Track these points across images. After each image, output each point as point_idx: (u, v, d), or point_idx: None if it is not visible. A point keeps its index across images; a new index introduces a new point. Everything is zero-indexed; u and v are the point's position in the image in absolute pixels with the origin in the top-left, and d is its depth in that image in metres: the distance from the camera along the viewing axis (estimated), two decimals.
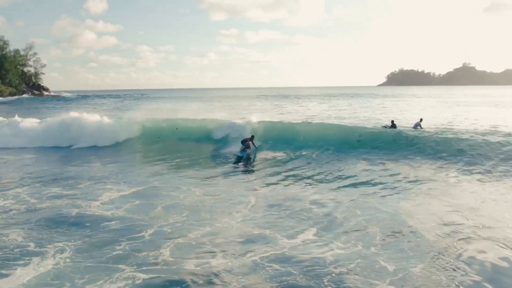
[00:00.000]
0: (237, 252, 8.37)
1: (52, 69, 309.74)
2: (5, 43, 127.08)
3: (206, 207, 11.65)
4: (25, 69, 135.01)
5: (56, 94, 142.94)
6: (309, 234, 9.39)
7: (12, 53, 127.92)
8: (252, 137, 20.66)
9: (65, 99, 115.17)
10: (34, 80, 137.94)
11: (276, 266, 7.66)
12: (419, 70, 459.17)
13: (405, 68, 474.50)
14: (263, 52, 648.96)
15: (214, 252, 8.38)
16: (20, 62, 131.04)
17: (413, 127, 22.98)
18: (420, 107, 56.17)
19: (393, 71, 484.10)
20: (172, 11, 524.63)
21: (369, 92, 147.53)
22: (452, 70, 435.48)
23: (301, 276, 7.26)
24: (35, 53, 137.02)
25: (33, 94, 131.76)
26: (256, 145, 20.57)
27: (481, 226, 9.63)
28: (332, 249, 8.45)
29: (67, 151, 22.87)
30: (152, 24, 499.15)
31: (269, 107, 61.29)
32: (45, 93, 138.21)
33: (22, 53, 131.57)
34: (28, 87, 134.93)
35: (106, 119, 26.08)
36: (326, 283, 7.02)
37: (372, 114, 43.72)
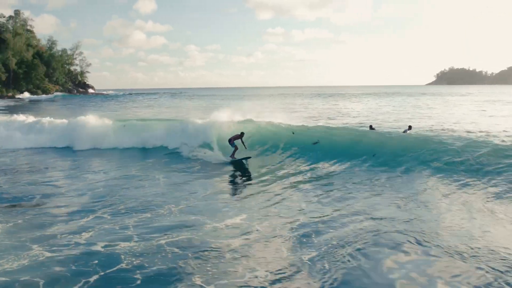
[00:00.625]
0: (152, 236, 8.74)
1: (104, 68, 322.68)
2: (53, 43, 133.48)
3: (159, 197, 12.15)
4: (72, 68, 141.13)
5: (99, 92, 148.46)
6: (237, 219, 9.78)
7: (59, 53, 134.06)
8: (242, 134, 17.75)
9: (105, 96, 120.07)
10: (80, 79, 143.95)
11: (176, 250, 8.01)
12: (470, 69, 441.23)
13: (455, 67, 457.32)
14: (309, 50, 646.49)
15: (131, 236, 8.82)
16: (67, 61, 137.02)
17: (402, 132, 22.67)
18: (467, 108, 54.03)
19: (442, 69, 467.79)
20: (219, 10, 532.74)
21: (418, 91, 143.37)
22: (505, 69, 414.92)
23: (189, 261, 7.57)
24: (81, 52, 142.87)
25: (78, 92, 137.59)
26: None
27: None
28: (244, 234, 8.67)
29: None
30: (200, 24, 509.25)
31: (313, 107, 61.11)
32: (90, 90, 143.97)
33: (69, 52, 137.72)
34: (74, 85, 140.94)
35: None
36: (208, 268, 7.28)
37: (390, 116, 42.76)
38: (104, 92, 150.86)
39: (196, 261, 7.54)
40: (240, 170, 16.63)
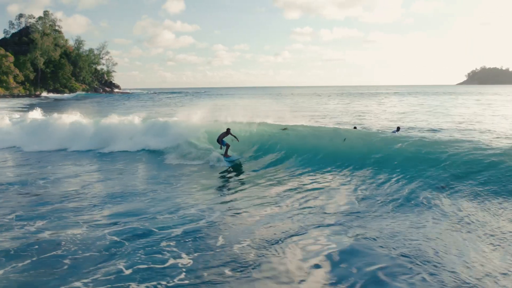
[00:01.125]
0: (99, 225, 9.01)
1: (133, 67, 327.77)
2: (81, 43, 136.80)
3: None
4: (98, 67, 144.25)
5: (124, 91, 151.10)
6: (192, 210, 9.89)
7: (86, 52, 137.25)
8: (228, 130, 16.86)
9: (126, 95, 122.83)
10: (106, 78, 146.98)
11: (116, 238, 8.27)
12: (503, 68, 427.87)
13: (487, 66, 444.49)
14: (338, 50, 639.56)
15: (78, 222, 9.30)
16: (94, 61, 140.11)
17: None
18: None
19: (474, 69, 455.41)
20: (247, 10, 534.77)
21: (449, 91, 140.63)
22: None
23: (123, 247, 7.77)
24: (108, 52, 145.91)
25: (104, 91, 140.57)
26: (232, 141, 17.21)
27: None
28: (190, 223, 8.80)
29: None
30: (227, 24, 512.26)
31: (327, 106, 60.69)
32: (115, 90, 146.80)
33: (95, 52, 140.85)
34: (101, 84, 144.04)
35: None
36: (138, 253, 7.50)
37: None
38: (128, 91, 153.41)
39: (130, 246, 7.74)
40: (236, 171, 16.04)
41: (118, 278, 6.55)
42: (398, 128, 22.23)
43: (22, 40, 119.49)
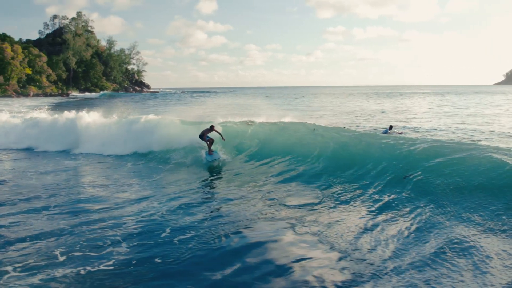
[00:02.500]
0: (52, 211, 9.54)
1: (167, 67, 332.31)
2: (112, 43, 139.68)
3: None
4: (129, 67, 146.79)
5: (154, 90, 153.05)
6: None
7: (117, 52, 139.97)
8: (212, 127, 16.09)
9: (152, 94, 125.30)
10: (136, 77, 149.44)
11: (61, 219, 8.68)
12: None
13: None
14: (371, 49, 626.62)
15: (38, 211, 9.85)
16: (125, 60, 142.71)
17: (383, 133, 21.87)
18: None
19: None
20: (279, 10, 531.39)
21: (484, 90, 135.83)
22: None
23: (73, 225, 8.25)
24: (138, 52, 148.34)
25: (134, 90, 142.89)
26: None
27: None
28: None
29: None
30: (260, 24, 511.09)
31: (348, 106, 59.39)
32: (145, 89, 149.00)
33: (126, 52, 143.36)
34: (131, 83, 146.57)
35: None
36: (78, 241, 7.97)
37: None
38: (158, 91, 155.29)
39: (75, 233, 8.08)
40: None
41: (50, 263, 6.84)
42: (391, 127, 22.16)
43: (56, 41, 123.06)
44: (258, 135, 18.07)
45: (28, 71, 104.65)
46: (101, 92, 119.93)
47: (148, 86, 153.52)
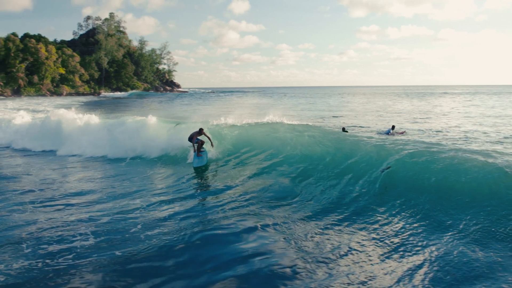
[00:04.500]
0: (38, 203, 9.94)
1: (199, 67, 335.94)
2: (144, 43, 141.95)
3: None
4: (160, 67, 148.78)
5: (183, 90, 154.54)
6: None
7: (148, 52, 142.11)
8: (201, 130, 15.18)
9: (179, 94, 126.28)
10: (167, 77, 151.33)
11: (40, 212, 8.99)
12: None
13: None
14: (406, 48, 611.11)
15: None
16: (156, 60, 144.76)
17: (385, 133, 22.14)
18: None
19: None
20: (312, 9, 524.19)
21: None
22: None
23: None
24: (169, 52, 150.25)
25: (165, 90, 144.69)
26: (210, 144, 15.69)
27: None
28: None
29: None
30: (292, 23, 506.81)
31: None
32: (176, 88, 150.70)
33: (157, 52, 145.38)
34: (162, 83, 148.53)
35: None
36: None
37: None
38: (186, 90, 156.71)
39: (47, 227, 8.37)
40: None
41: (14, 255, 7.14)
42: (393, 127, 22.08)
43: (89, 41, 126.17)
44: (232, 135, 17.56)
45: (62, 70, 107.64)
46: (130, 92, 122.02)
47: (178, 86, 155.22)
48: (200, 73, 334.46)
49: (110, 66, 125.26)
